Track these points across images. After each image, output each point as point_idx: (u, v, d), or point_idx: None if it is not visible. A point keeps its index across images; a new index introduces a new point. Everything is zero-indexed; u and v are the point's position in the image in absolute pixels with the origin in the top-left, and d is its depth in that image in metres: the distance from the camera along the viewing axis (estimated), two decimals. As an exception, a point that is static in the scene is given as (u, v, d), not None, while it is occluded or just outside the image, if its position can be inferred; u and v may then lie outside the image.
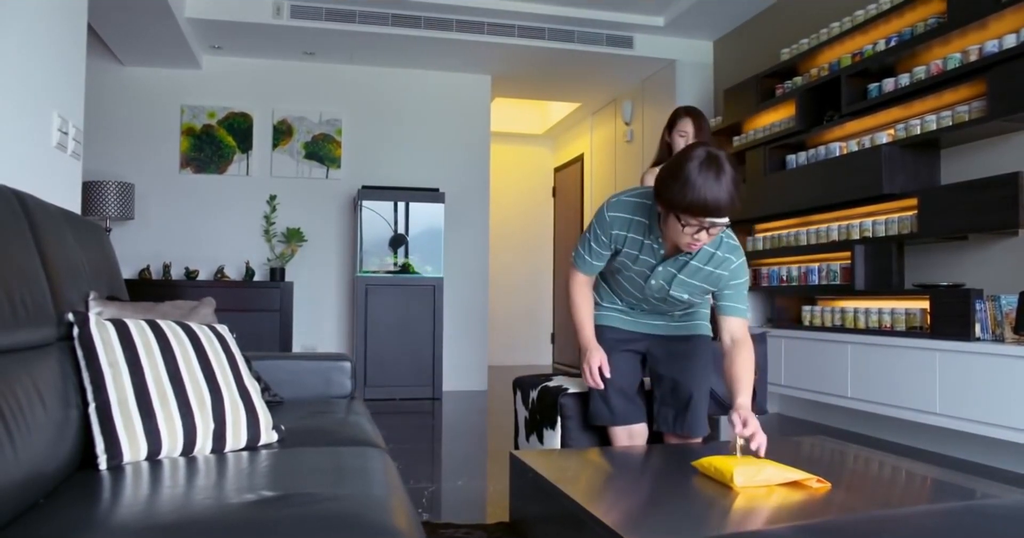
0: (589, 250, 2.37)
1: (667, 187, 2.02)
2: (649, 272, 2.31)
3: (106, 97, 5.91)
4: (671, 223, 2.09)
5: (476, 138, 6.72)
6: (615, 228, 2.29)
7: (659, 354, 2.52)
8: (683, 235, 2.08)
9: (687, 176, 1.97)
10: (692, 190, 1.96)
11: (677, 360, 2.49)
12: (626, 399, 2.48)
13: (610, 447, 2.49)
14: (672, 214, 2.05)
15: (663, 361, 2.51)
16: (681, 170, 1.98)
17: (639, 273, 2.34)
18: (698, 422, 2.44)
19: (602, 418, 2.47)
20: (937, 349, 3.61)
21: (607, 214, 2.30)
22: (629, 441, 2.48)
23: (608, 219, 2.29)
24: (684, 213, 2.01)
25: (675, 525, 1.70)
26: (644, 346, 2.55)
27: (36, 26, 2.73)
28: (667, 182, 2.03)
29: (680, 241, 2.12)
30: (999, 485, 2.09)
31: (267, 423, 1.81)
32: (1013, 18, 3.56)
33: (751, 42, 5.79)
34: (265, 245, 6.20)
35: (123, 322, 1.67)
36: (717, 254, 2.27)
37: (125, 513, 1.31)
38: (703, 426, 2.45)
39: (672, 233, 2.12)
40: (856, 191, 4.22)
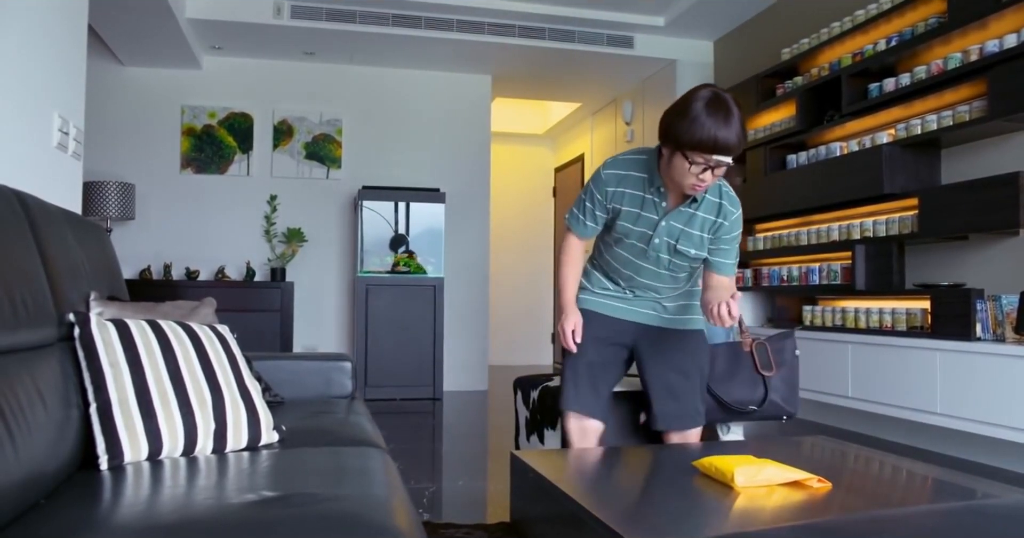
0: (583, 209, 2.34)
1: (674, 125, 2.04)
2: (652, 231, 2.26)
3: (107, 97, 5.91)
4: (676, 163, 2.08)
5: (476, 138, 6.72)
6: (611, 185, 2.27)
7: (648, 349, 2.45)
8: (688, 175, 2.08)
9: (696, 113, 2.00)
10: (701, 127, 1.99)
11: (668, 355, 2.44)
12: (593, 391, 2.41)
13: (610, 447, 2.48)
14: (680, 153, 2.05)
15: (653, 356, 2.44)
16: (689, 108, 2.01)
17: (641, 236, 2.28)
18: (693, 415, 2.43)
19: (560, 400, 2.43)
20: (938, 349, 3.61)
21: (603, 172, 2.28)
22: (580, 435, 2.41)
23: (604, 177, 2.27)
24: (692, 150, 2.02)
25: (675, 525, 1.70)
26: (631, 339, 2.47)
27: (36, 26, 2.73)
28: (674, 120, 2.04)
29: (685, 182, 2.11)
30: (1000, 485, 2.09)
31: (268, 423, 1.81)
32: (1013, 18, 3.56)
33: (751, 42, 5.78)
34: (266, 245, 6.20)
35: (124, 322, 1.67)
36: (723, 204, 2.27)
37: (126, 513, 1.31)
38: (699, 416, 2.45)
39: (677, 174, 2.11)
40: (857, 191, 4.22)
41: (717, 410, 2.97)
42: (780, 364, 3.00)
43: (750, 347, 3.02)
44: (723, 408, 2.95)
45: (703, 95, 2.03)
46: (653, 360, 2.45)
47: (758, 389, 2.96)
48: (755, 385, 2.94)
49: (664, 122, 2.10)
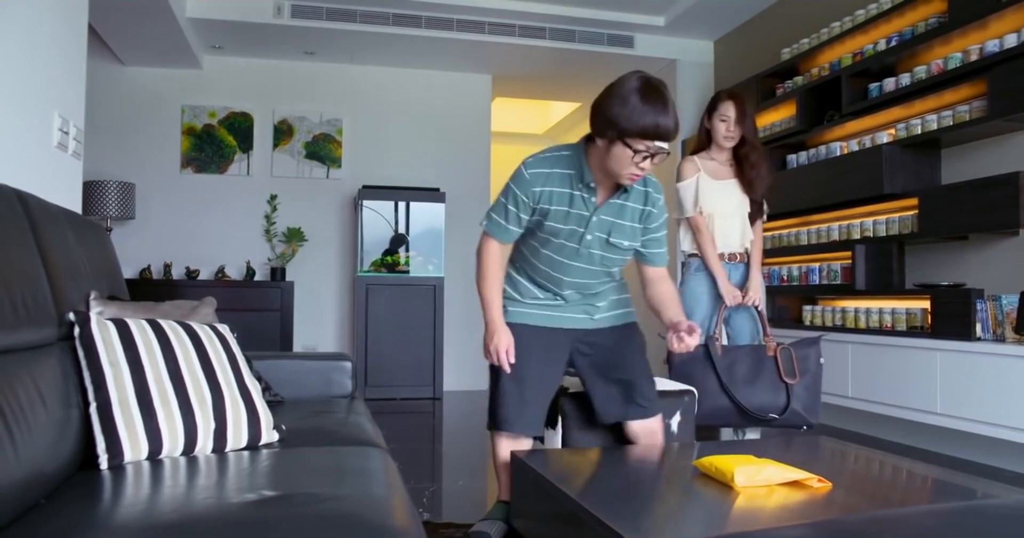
0: (505, 214, 2.23)
1: (614, 114, 2.00)
2: (584, 228, 2.21)
3: (107, 97, 5.91)
4: (616, 153, 2.04)
5: (477, 138, 6.72)
6: (536, 185, 2.18)
7: (587, 350, 2.40)
8: (629, 165, 2.05)
9: (636, 101, 1.97)
10: (643, 115, 1.97)
11: (609, 349, 2.39)
12: (529, 409, 2.33)
13: (610, 447, 2.48)
14: (620, 142, 2.01)
15: (593, 355, 2.39)
16: (628, 96, 1.99)
17: (571, 234, 2.22)
18: (650, 400, 2.39)
19: (497, 421, 2.33)
20: (938, 349, 3.61)
21: (526, 172, 2.19)
22: (510, 451, 2.31)
23: (528, 177, 2.18)
24: (635, 138, 1.99)
25: (675, 525, 1.70)
26: (567, 348, 2.39)
27: (37, 26, 2.73)
28: (614, 108, 2.00)
29: (624, 172, 2.08)
30: (1000, 485, 2.09)
31: (268, 423, 1.81)
32: (1014, 18, 3.56)
33: (752, 42, 5.78)
34: (266, 245, 6.20)
35: (124, 322, 1.67)
36: (648, 191, 2.27)
37: (126, 513, 1.31)
38: (655, 404, 2.41)
39: (616, 165, 2.07)
40: (857, 191, 4.22)
41: (735, 415, 2.92)
42: (804, 372, 2.95)
43: (774, 352, 2.97)
44: (741, 413, 2.90)
45: (636, 84, 2.01)
46: (595, 359, 2.39)
47: (779, 396, 2.90)
48: (777, 392, 2.89)
49: (600, 112, 2.04)
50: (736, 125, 3.22)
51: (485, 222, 2.28)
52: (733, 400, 2.89)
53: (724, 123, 3.23)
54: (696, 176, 3.27)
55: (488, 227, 2.29)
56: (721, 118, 3.24)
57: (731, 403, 2.89)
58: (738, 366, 2.94)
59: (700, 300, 3.28)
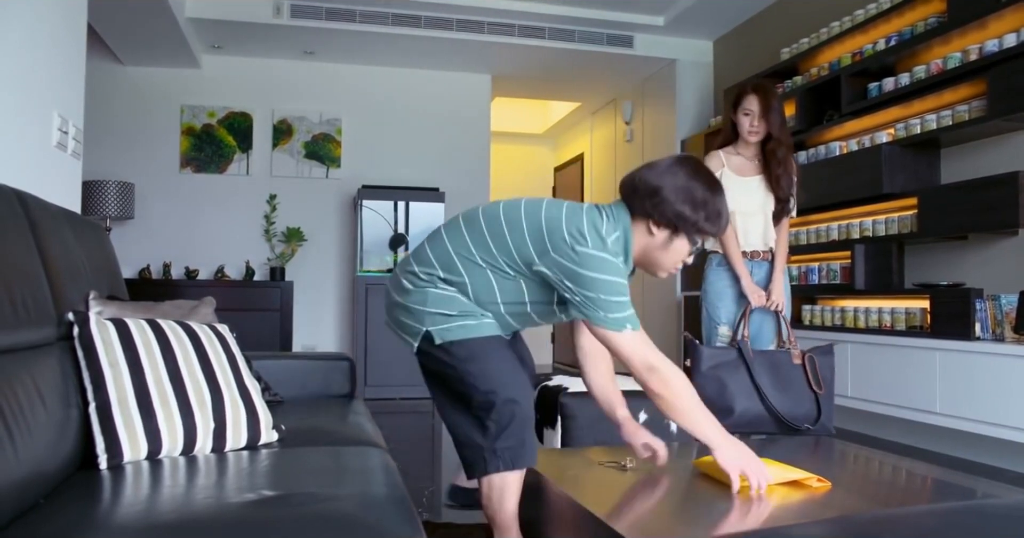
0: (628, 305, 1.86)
1: (697, 212, 1.85)
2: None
3: (106, 97, 5.91)
4: (676, 247, 1.89)
5: (476, 137, 6.72)
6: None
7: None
8: (677, 261, 1.93)
9: (712, 198, 1.86)
10: (723, 215, 1.89)
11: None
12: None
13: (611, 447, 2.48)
14: (687, 238, 1.88)
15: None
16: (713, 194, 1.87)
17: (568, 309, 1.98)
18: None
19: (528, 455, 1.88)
20: (937, 348, 3.61)
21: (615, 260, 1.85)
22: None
23: (624, 259, 1.90)
24: (705, 235, 1.89)
25: (676, 524, 1.70)
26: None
27: (36, 26, 2.73)
28: (696, 208, 1.85)
29: (671, 264, 1.94)
30: (1000, 485, 2.09)
31: (267, 423, 1.81)
32: (1013, 17, 3.56)
33: (751, 41, 5.78)
34: (265, 245, 6.20)
35: (123, 322, 1.67)
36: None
37: (125, 513, 1.31)
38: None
39: (669, 256, 1.91)
40: (856, 190, 4.22)
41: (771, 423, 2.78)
42: (825, 381, 2.88)
43: (802, 360, 2.89)
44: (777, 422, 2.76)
45: (706, 176, 1.89)
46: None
47: (808, 405, 2.79)
48: (805, 401, 2.77)
49: (669, 202, 1.84)
50: (760, 119, 3.08)
51: (629, 326, 1.81)
52: (769, 409, 2.78)
53: (748, 117, 3.10)
54: (720, 172, 3.14)
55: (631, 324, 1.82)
56: (744, 112, 3.11)
57: (766, 411, 2.79)
58: (766, 372, 2.81)
59: (724, 295, 3.17)
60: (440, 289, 1.94)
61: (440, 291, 1.93)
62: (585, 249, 1.80)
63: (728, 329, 3.14)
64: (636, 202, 1.90)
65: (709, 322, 3.21)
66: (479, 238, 1.93)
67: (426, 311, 1.93)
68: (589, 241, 1.81)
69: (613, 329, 1.81)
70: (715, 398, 2.73)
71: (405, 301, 1.98)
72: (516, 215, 1.92)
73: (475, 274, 1.92)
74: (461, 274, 1.93)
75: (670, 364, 1.83)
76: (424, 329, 1.92)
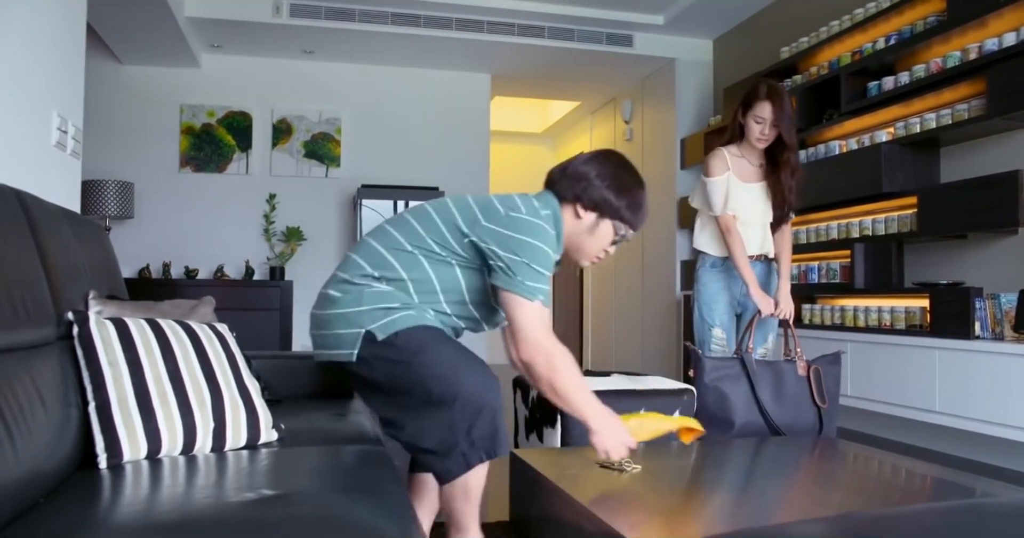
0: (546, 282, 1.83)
1: (621, 197, 1.91)
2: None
3: (105, 96, 5.90)
4: (601, 232, 1.93)
5: (476, 137, 6.72)
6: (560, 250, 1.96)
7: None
8: (600, 248, 1.97)
9: (642, 192, 1.95)
10: (640, 205, 1.94)
11: None
12: None
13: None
14: (612, 223, 1.93)
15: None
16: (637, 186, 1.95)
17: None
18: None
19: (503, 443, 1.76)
20: (937, 347, 3.61)
21: (552, 229, 1.87)
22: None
23: (556, 235, 1.89)
24: (627, 224, 1.94)
25: (676, 523, 1.70)
26: None
27: (36, 25, 2.73)
28: (621, 194, 1.91)
29: (593, 251, 1.97)
30: (999, 483, 2.09)
31: (267, 422, 1.81)
32: (1013, 16, 3.56)
33: (751, 40, 5.78)
34: (265, 244, 6.20)
35: (123, 321, 1.67)
36: None
37: (125, 512, 1.31)
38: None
39: (593, 242, 1.95)
40: (856, 189, 4.22)
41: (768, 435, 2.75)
42: (830, 393, 2.82)
43: (807, 372, 2.82)
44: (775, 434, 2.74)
45: (633, 171, 1.97)
46: None
47: (811, 418, 2.75)
48: (808, 413, 2.72)
49: (593, 185, 1.90)
50: (772, 128, 2.97)
51: (541, 298, 1.79)
52: (768, 421, 2.76)
53: (759, 125, 2.98)
54: (726, 175, 3.07)
55: (538, 296, 1.80)
56: (756, 119, 2.98)
57: (764, 423, 2.76)
58: (769, 384, 2.75)
59: (719, 297, 3.13)
60: (377, 287, 1.85)
61: (377, 288, 1.85)
62: (519, 215, 1.83)
63: (722, 331, 3.11)
64: (565, 186, 1.94)
65: (702, 324, 3.16)
66: (406, 227, 1.91)
67: (363, 310, 1.82)
68: (524, 209, 1.85)
69: (524, 295, 1.78)
70: (716, 410, 2.70)
71: (338, 309, 1.86)
72: (443, 202, 1.94)
73: (409, 264, 1.86)
74: (395, 268, 1.86)
75: (561, 347, 1.83)
76: (363, 330, 1.80)
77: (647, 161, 6.69)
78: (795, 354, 2.90)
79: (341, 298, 1.88)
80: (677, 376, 5.87)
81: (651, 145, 6.66)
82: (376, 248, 1.90)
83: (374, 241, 1.92)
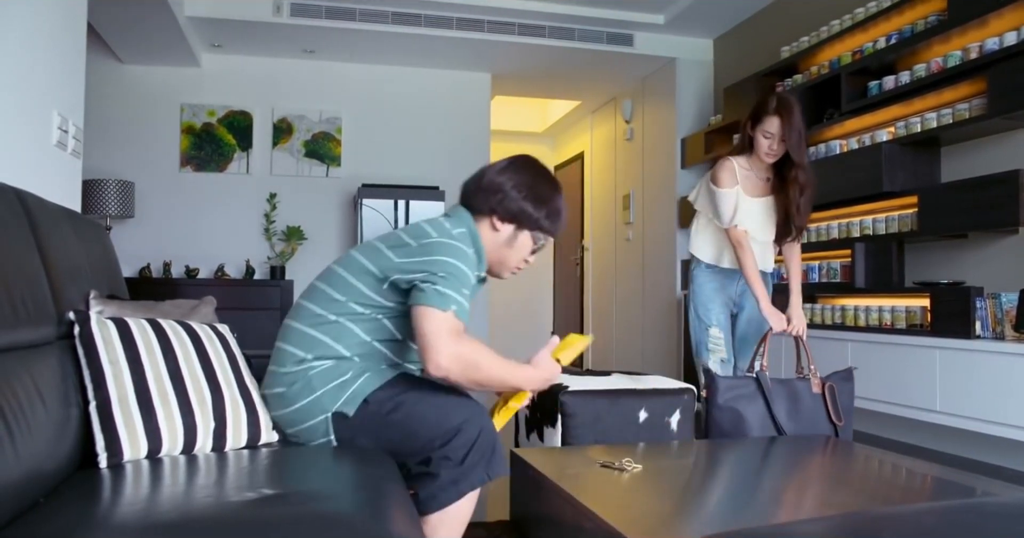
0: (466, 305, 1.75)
1: (538, 207, 1.87)
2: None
3: (106, 95, 5.90)
4: (520, 243, 1.90)
5: (476, 136, 6.72)
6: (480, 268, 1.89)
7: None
8: (520, 258, 1.93)
9: (559, 199, 1.91)
10: (561, 215, 1.91)
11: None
12: None
13: (611, 445, 2.48)
14: (529, 233, 1.89)
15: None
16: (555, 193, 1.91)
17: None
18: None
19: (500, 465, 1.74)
20: (937, 347, 3.61)
21: (466, 250, 1.80)
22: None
23: (471, 255, 1.82)
24: (545, 233, 1.90)
25: (676, 522, 1.70)
26: None
27: (36, 25, 2.73)
28: (536, 203, 1.87)
29: (513, 264, 1.93)
30: (999, 483, 2.09)
31: (267, 422, 1.81)
32: (1013, 16, 3.56)
33: (751, 40, 5.78)
34: (265, 243, 6.20)
35: (124, 321, 1.67)
36: None
37: (125, 512, 1.31)
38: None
39: (512, 254, 1.91)
40: (856, 189, 4.22)
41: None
42: (845, 410, 2.79)
43: (822, 390, 2.79)
44: None
45: (550, 177, 1.93)
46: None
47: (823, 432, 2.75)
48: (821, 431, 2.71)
49: (509, 195, 1.85)
50: (780, 143, 2.90)
51: (453, 307, 1.68)
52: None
53: (768, 140, 2.92)
54: (736, 188, 2.99)
55: (455, 310, 1.69)
56: (764, 134, 2.92)
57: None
58: (784, 403, 2.72)
59: (714, 298, 3.11)
60: (319, 366, 1.77)
61: (320, 366, 1.76)
62: (430, 240, 1.76)
63: (719, 331, 3.08)
64: (480, 200, 1.89)
65: (699, 324, 3.13)
66: (320, 297, 1.83)
67: (320, 394, 1.74)
68: (435, 233, 1.78)
69: (436, 305, 1.66)
70: (731, 430, 2.67)
71: (296, 405, 1.75)
72: (349, 257, 1.86)
73: (339, 335, 1.78)
74: (326, 344, 1.78)
75: (469, 346, 1.69)
76: (329, 414, 1.72)
77: (647, 160, 6.69)
78: (809, 371, 2.87)
79: (290, 393, 1.77)
80: (678, 376, 5.87)
81: (651, 144, 6.66)
82: (299, 329, 1.82)
83: (295, 323, 1.85)
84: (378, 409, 1.72)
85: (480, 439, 1.67)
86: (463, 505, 1.68)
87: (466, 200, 1.92)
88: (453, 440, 1.65)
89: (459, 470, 1.65)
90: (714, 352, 3.08)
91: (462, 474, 1.65)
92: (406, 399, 1.72)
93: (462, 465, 1.65)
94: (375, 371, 1.78)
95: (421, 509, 1.65)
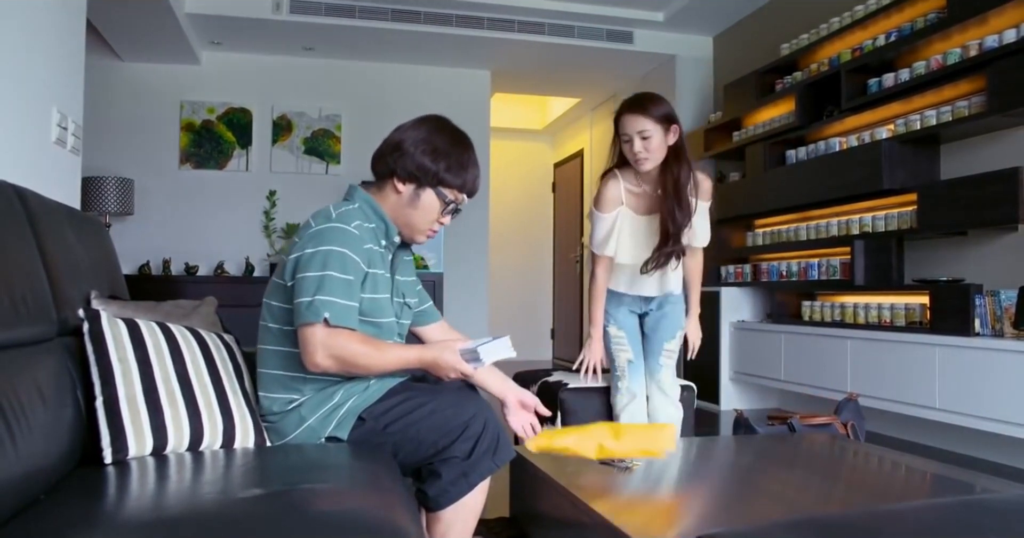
0: (348, 288, 1.69)
1: (432, 158, 1.80)
2: (390, 293, 1.85)
3: (105, 93, 5.90)
4: (425, 204, 1.82)
5: (475, 133, 6.56)
6: (367, 242, 1.77)
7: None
8: (435, 218, 1.85)
9: (454, 149, 1.82)
10: (464, 165, 1.83)
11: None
12: None
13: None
14: (433, 190, 1.82)
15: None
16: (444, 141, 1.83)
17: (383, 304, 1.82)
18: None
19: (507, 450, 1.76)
20: (937, 344, 3.62)
21: (350, 227, 1.74)
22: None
23: (357, 233, 1.74)
24: (452, 188, 1.83)
25: (676, 520, 1.71)
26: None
27: (36, 22, 2.73)
28: (430, 153, 1.80)
29: (425, 225, 1.86)
30: (998, 480, 2.10)
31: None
32: (1013, 13, 3.55)
33: (751, 37, 5.78)
34: (265, 240, 6.20)
35: (134, 321, 1.68)
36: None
37: (126, 508, 1.31)
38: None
39: (420, 216, 1.84)
40: (856, 186, 4.22)
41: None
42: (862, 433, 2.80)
43: (846, 430, 2.76)
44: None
45: (450, 130, 1.86)
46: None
47: None
48: None
49: (408, 154, 1.80)
50: (642, 142, 2.47)
51: (324, 314, 1.63)
52: None
53: (628, 144, 2.51)
54: (615, 213, 2.63)
55: (332, 316, 1.64)
56: (623, 138, 2.52)
57: None
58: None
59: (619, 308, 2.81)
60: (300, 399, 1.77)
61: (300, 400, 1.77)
62: (309, 231, 1.74)
63: (618, 329, 2.79)
64: (381, 164, 1.86)
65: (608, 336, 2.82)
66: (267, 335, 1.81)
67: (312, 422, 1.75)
68: (315, 223, 1.76)
69: (307, 319, 1.64)
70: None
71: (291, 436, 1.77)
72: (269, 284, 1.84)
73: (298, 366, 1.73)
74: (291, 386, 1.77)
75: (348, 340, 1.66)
76: (324, 440, 1.75)
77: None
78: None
79: (281, 425, 1.77)
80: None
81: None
82: (266, 376, 1.80)
83: (259, 368, 1.82)
84: (375, 425, 1.72)
85: (485, 432, 1.69)
86: (475, 496, 1.71)
87: (373, 166, 1.90)
88: (458, 439, 1.68)
89: (467, 463, 1.67)
90: (619, 352, 2.78)
91: (471, 466, 1.67)
92: (404, 409, 1.72)
93: (469, 458, 1.68)
94: (362, 387, 1.76)
95: (434, 505, 1.68)
